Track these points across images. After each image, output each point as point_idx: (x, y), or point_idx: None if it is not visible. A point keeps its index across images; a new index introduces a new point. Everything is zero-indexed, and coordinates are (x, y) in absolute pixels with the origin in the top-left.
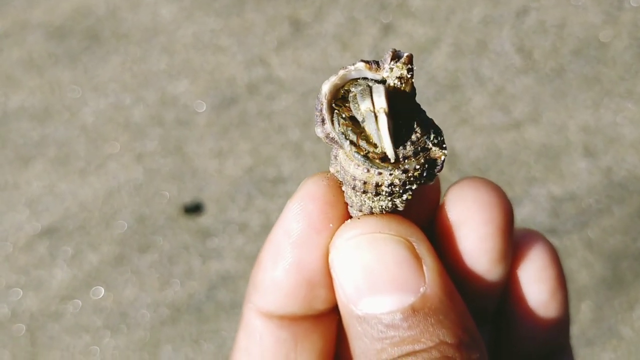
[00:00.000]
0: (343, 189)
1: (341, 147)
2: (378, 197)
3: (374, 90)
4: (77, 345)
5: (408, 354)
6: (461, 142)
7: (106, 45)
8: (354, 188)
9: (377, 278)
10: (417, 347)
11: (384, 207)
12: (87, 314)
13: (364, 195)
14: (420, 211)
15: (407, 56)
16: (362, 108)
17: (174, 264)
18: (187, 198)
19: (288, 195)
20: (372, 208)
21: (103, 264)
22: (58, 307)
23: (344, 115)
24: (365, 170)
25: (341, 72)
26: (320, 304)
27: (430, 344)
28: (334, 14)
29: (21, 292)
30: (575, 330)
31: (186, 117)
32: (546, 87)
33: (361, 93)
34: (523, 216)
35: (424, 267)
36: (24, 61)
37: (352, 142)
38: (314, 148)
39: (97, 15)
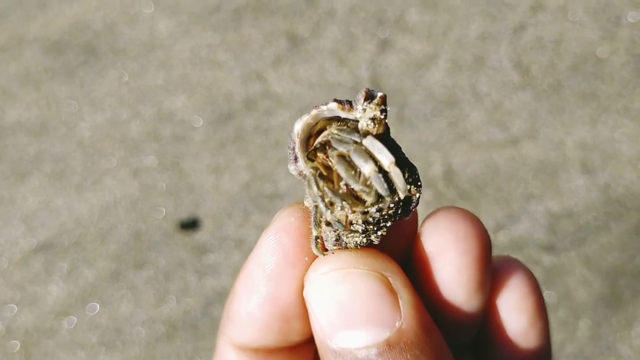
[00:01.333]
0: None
1: (310, 187)
2: (352, 234)
3: (372, 147)
4: None
5: None
6: (458, 159)
7: (103, 60)
8: (327, 224)
9: (352, 313)
10: None
11: (358, 242)
12: (82, 330)
13: (329, 227)
14: (396, 243)
15: (380, 97)
16: (366, 171)
17: (169, 280)
18: (184, 214)
19: None
20: (346, 243)
21: (98, 280)
22: (53, 323)
23: (320, 172)
24: (339, 208)
25: (314, 112)
26: (296, 336)
27: None
28: (331, 29)
29: (16, 308)
30: (573, 348)
31: (183, 133)
32: (543, 103)
33: (356, 153)
34: (520, 233)
35: (400, 301)
36: (21, 76)
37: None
38: None
39: (94, 30)
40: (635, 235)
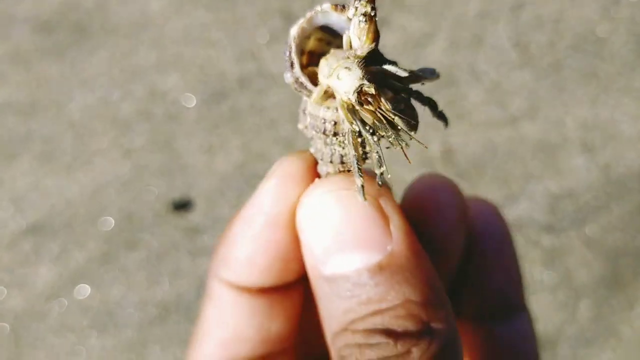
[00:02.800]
0: (312, 146)
1: (309, 92)
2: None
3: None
4: (62, 345)
5: (375, 312)
6: (457, 138)
7: (94, 39)
8: (324, 132)
9: (344, 236)
10: (383, 305)
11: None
12: (73, 313)
13: (334, 138)
14: None
15: None
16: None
17: (162, 262)
18: (176, 194)
19: None
20: (342, 157)
21: (89, 262)
22: (43, 306)
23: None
24: (335, 110)
25: (308, 15)
26: (292, 276)
27: (397, 301)
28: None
29: (5, 291)
30: (573, 330)
31: (175, 112)
32: (543, 83)
33: (347, 67)
34: (519, 213)
35: (391, 226)
36: (11, 55)
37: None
38: (306, 143)
39: (85, 8)
40: (636, 215)
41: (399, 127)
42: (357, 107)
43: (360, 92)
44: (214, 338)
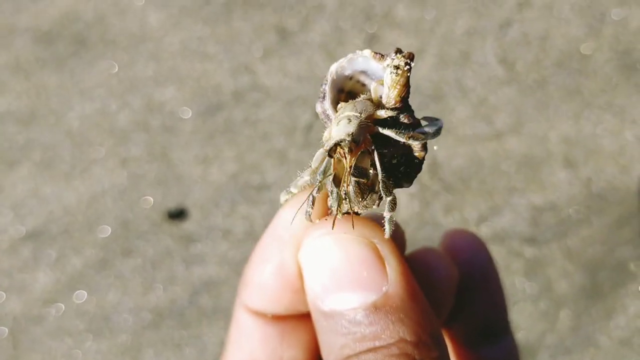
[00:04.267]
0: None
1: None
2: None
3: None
4: (59, 348)
5: (369, 350)
6: (443, 152)
7: (93, 51)
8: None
9: (342, 276)
10: (377, 344)
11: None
12: (70, 317)
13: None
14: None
15: (408, 52)
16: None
17: (157, 269)
18: (171, 204)
19: (272, 202)
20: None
21: (86, 268)
22: (41, 310)
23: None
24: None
25: (350, 55)
26: (303, 307)
27: (391, 340)
28: (320, 23)
29: (4, 295)
30: (553, 338)
31: (172, 124)
32: (528, 99)
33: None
34: (503, 225)
35: (387, 267)
36: (11, 65)
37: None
38: (298, 155)
39: (84, 20)
40: (615, 228)
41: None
42: (328, 156)
43: (338, 144)
44: (233, 358)
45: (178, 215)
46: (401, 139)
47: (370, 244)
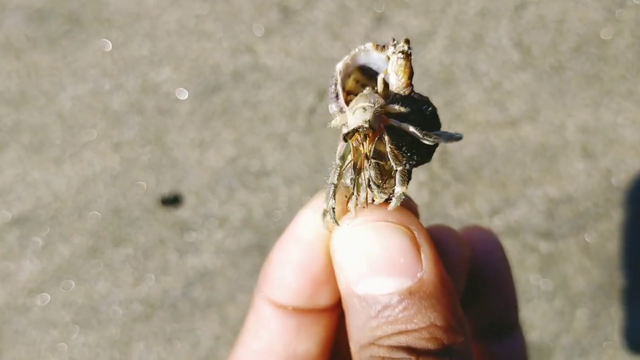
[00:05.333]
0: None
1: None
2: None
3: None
4: (44, 340)
5: (400, 332)
6: None
7: (87, 30)
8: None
9: (378, 262)
10: (409, 327)
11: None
12: (56, 308)
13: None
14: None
15: (405, 38)
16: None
17: (149, 258)
18: (165, 189)
19: (271, 189)
20: (369, 180)
21: (74, 256)
22: (25, 300)
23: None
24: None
25: (352, 52)
26: (324, 300)
27: (422, 324)
28: (325, 2)
29: None
30: (569, 339)
31: (167, 105)
32: (544, 85)
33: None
34: (517, 218)
35: (422, 255)
36: (1, 44)
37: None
38: (300, 140)
39: None
40: (636, 223)
41: (370, 180)
42: (343, 141)
43: (356, 131)
44: (250, 346)
45: (172, 201)
46: (416, 132)
47: (408, 232)
